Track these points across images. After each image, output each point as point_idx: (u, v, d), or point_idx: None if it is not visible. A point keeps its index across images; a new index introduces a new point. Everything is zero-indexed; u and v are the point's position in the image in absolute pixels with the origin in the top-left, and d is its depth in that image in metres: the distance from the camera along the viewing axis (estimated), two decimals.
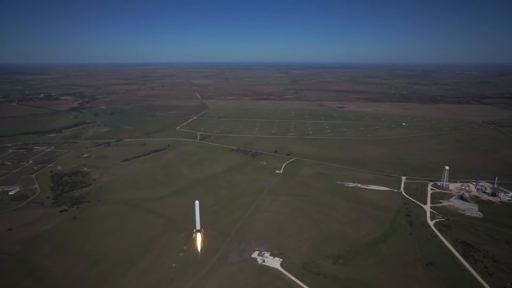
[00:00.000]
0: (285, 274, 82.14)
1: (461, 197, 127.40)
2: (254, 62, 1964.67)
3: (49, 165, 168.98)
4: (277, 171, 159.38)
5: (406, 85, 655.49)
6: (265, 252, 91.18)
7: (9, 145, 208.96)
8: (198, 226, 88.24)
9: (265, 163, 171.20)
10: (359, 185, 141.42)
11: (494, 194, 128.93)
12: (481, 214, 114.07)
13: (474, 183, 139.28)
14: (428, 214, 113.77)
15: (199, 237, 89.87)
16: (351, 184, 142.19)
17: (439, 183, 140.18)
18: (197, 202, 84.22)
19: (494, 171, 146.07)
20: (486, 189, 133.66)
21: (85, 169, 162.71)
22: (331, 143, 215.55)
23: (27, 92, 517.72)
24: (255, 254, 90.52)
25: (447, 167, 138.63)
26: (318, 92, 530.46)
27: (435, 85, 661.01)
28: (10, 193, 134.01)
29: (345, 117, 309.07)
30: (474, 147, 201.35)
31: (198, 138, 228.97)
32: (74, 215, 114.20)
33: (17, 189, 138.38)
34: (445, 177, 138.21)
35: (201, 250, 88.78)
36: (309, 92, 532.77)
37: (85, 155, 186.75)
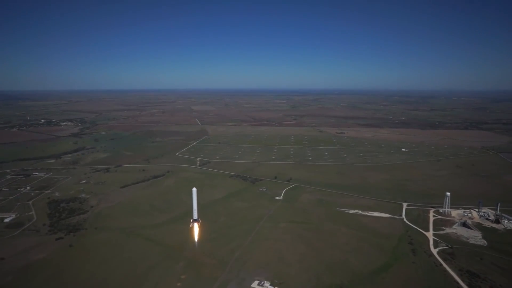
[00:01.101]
0: None
1: (464, 224, 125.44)
2: (254, 88, 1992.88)
3: (46, 191, 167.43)
4: (277, 198, 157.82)
5: (404, 111, 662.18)
6: (265, 281, 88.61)
7: (7, 171, 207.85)
8: (195, 216, 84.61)
9: (264, 190, 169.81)
10: (360, 211, 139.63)
11: (497, 221, 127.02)
12: (485, 242, 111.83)
13: (477, 210, 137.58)
14: (431, 242, 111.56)
15: (196, 227, 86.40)
16: (351, 211, 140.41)
17: (440, 210, 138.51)
18: (194, 189, 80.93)
19: (496, 197, 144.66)
20: (489, 216, 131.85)
21: (83, 195, 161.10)
22: (331, 169, 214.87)
23: (28, 118, 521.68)
24: (255, 284, 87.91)
25: (448, 193, 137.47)
26: (317, 118, 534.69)
27: (433, 111, 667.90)
28: (6, 220, 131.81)
29: (345, 143, 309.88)
30: (474, 172, 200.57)
31: (198, 164, 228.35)
32: (70, 243, 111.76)
33: (13, 216, 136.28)
34: (447, 203, 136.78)
35: (197, 241, 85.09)
36: (308, 118, 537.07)
37: (84, 181, 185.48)
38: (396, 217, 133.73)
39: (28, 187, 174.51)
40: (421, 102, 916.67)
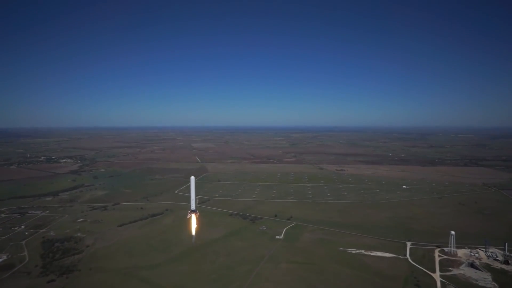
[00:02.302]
0: None
1: (472, 265, 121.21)
2: (254, 126, 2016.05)
3: (41, 231, 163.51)
4: (278, 237, 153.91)
5: (403, 148, 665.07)
6: None
7: (2, 209, 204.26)
8: (193, 206, 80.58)
9: (265, 228, 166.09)
10: (362, 251, 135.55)
11: (506, 262, 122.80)
12: (496, 284, 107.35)
13: (483, 250, 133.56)
14: (439, 284, 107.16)
15: (193, 218, 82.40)
16: (354, 251, 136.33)
17: (446, 249, 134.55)
18: (192, 178, 77.75)
19: (502, 236, 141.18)
20: (497, 256, 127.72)
21: (79, 234, 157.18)
22: (331, 207, 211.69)
23: (28, 155, 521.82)
24: None
25: (453, 232, 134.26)
26: (317, 155, 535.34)
27: (431, 147, 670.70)
28: None
29: (345, 180, 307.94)
30: (478, 210, 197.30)
31: (197, 202, 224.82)
32: (62, 285, 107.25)
33: (4, 257, 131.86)
34: (452, 242, 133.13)
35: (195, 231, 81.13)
36: (308, 155, 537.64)
37: (80, 220, 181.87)
38: (401, 257, 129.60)
39: (22, 226, 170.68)
40: (419, 139, 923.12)
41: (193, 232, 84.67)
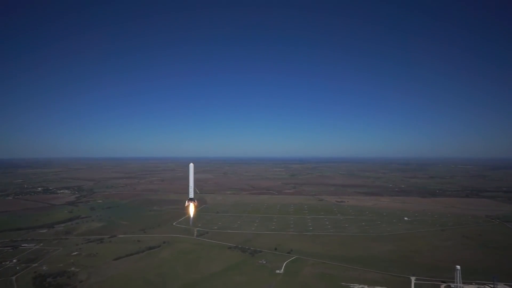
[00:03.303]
0: None
1: None
2: (253, 156, 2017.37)
3: (34, 265, 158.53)
4: (278, 271, 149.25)
5: (403, 179, 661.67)
6: None
7: None
8: (191, 194, 77.31)
9: (264, 262, 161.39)
10: (366, 287, 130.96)
11: None
12: None
13: (491, 286, 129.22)
14: None
15: (192, 207, 79.24)
16: (357, 286, 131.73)
17: (452, 285, 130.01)
18: (191, 165, 75.02)
19: (510, 272, 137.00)
20: None
21: (73, 268, 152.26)
22: (332, 239, 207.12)
23: (25, 186, 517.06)
24: None
25: (458, 267, 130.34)
26: (317, 186, 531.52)
27: (431, 178, 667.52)
28: None
29: (345, 212, 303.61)
30: (482, 243, 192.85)
31: (195, 235, 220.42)
32: None
33: None
34: (458, 278, 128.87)
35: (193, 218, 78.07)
36: (307, 187, 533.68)
37: (75, 253, 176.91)
38: None
39: (14, 260, 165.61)
40: (419, 170, 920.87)
41: (191, 216, 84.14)
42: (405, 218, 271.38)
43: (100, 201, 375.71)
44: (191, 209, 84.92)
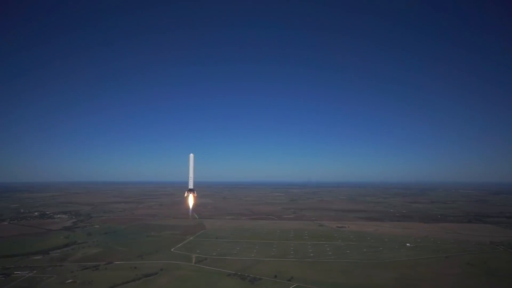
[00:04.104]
0: None
1: None
2: (252, 181, 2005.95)
3: None
4: None
5: (404, 204, 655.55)
6: None
7: None
8: (191, 185, 74.67)
9: None
10: None
11: None
12: None
13: None
14: None
15: (191, 198, 76.63)
16: None
17: None
18: (191, 155, 73.11)
19: None
20: None
21: None
22: (334, 266, 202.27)
23: (21, 211, 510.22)
24: None
25: None
26: (317, 212, 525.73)
27: (433, 203, 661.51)
28: None
29: (347, 238, 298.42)
30: (489, 272, 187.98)
31: (194, 261, 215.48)
32: None
33: None
34: None
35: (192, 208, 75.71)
36: (308, 212, 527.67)
37: (69, 281, 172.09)
38: None
39: None
40: (420, 194, 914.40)
41: (190, 207, 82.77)
42: (408, 244, 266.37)
43: (97, 226, 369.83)
44: (190, 200, 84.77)
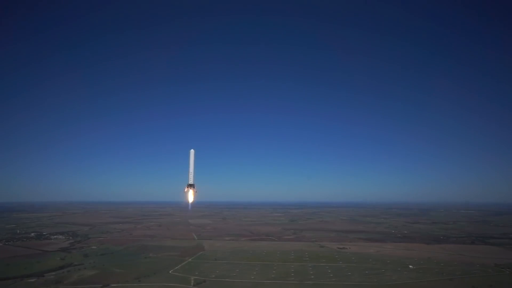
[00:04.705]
0: None
1: None
2: (252, 201, 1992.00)
3: None
4: None
5: (405, 224, 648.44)
6: None
7: None
8: (191, 180, 72.85)
9: None
10: None
11: None
12: None
13: None
14: None
15: (190, 193, 74.62)
16: None
17: None
18: (192, 151, 72.04)
19: None
20: None
21: None
22: None
23: (17, 231, 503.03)
24: None
25: None
26: (318, 232, 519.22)
27: (434, 224, 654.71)
28: None
29: (348, 259, 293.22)
30: None
31: (192, 284, 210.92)
32: None
33: None
34: None
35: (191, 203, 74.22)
36: (308, 232, 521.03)
37: None
38: None
39: None
40: (421, 215, 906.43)
41: (190, 202, 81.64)
42: (410, 266, 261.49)
43: (94, 247, 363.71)
44: (190, 195, 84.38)
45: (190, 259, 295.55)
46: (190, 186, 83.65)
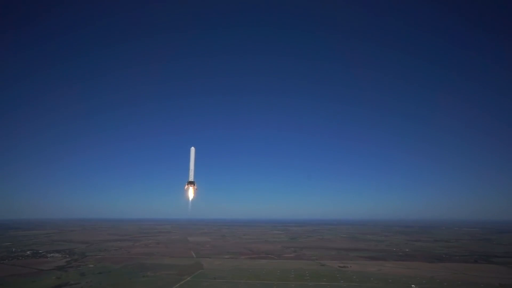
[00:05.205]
0: None
1: None
2: (252, 218, 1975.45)
3: None
4: None
5: (406, 242, 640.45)
6: None
7: None
8: (191, 177, 71.52)
9: None
10: None
11: None
12: None
13: None
14: None
15: (191, 190, 73.29)
16: None
17: None
18: (192, 148, 71.08)
19: None
20: None
21: None
22: None
23: (13, 250, 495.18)
24: None
25: None
26: (318, 250, 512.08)
27: (436, 242, 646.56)
28: None
29: (349, 278, 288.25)
30: None
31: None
32: None
33: None
34: None
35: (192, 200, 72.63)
36: (308, 250, 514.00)
37: None
38: None
39: None
40: (422, 232, 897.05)
41: (190, 199, 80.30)
42: (413, 285, 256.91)
43: (91, 265, 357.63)
44: (190, 192, 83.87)
45: (188, 278, 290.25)
46: (191, 183, 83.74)
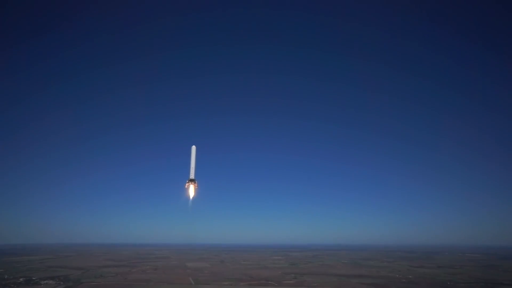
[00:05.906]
0: None
1: None
2: (251, 243, 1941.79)
3: None
4: None
5: (409, 268, 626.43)
6: None
7: None
8: (192, 175, 69.10)
9: None
10: None
11: None
12: None
13: None
14: None
15: (191, 188, 70.69)
16: None
17: None
18: (193, 147, 69.26)
19: None
20: None
21: None
22: None
23: (5, 277, 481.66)
24: None
25: None
26: (319, 277, 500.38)
27: (440, 268, 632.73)
28: None
29: None
30: None
31: None
32: None
33: None
34: None
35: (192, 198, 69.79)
36: (309, 277, 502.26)
37: None
38: None
39: None
40: (425, 258, 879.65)
41: (190, 197, 78.26)
42: None
43: None
44: (191, 190, 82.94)
45: None
46: (191, 181, 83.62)
